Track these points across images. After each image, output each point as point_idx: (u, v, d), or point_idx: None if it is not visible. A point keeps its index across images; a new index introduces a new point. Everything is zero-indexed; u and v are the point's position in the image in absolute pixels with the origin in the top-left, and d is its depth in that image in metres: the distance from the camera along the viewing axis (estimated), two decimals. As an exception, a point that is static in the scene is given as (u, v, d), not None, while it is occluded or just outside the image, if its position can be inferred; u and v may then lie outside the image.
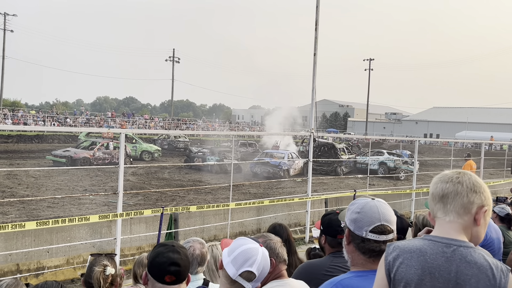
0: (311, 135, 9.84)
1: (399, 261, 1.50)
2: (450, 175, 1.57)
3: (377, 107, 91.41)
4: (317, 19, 9.78)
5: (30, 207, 11.96)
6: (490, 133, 55.02)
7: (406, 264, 1.48)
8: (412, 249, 1.50)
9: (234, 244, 1.91)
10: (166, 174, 21.38)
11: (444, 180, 1.56)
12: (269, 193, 16.83)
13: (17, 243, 6.58)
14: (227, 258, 1.87)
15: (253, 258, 1.85)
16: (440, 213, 1.56)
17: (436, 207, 1.57)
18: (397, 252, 1.52)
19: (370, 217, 1.75)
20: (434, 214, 1.59)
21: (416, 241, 1.56)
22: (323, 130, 69.27)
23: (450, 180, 1.55)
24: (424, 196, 12.51)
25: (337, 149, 25.97)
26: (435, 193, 1.57)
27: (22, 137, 34.37)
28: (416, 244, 1.52)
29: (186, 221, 8.42)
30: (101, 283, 2.44)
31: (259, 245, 1.92)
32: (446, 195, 1.54)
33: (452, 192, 1.53)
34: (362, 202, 1.81)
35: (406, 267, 1.48)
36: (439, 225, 1.56)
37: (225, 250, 1.93)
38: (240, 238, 1.95)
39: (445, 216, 1.54)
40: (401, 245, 1.54)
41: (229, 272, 1.84)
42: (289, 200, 9.87)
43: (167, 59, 64.83)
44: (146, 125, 52.72)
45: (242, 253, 1.85)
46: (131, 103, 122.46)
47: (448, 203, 1.53)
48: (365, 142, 46.35)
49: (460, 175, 1.56)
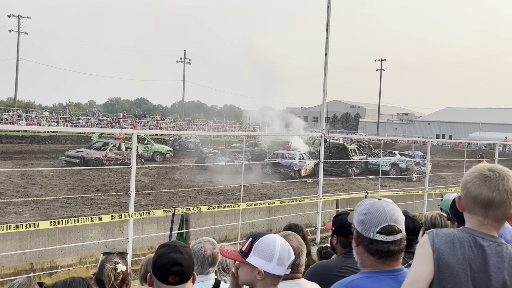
0: (322, 135, 9.81)
1: (442, 248, 1.57)
2: (493, 179, 1.58)
3: (389, 107, 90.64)
4: (328, 19, 9.75)
5: (43, 207, 12.12)
6: (504, 134, 54.19)
7: (449, 252, 1.56)
8: (454, 239, 1.58)
9: (265, 249, 1.82)
10: (177, 175, 21.48)
11: (490, 187, 1.56)
12: (280, 193, 16.81)
13: (31, 243, 6.67)
14: (270, 264, 1.81)
15: (289, 247, 1.88)
16: (479, 216, 1.60)
17: (476, 210, 1.61)
18: (440, 239, 1.59)
19: (377, 217, 1.73)
20: (469, 211, 1.63)
21: (456, 231, 1.62)
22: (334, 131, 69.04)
23: (497, 189, 1.55)
24: (437, 197, 12.38)
25: (348, 150, 25.84)
26: (479, 199, 1.58)
27: (36, 137, 34.84)
28: (457, 235, 1.59)
29: (197, 221, 8.46)
30: (112, 280, 2.46)
31: (274, 233, 1.92)
32: (491, 203, 1.56)
33: (498, 202, 1.55)
34: (369, 203, 1.79)
35: (449, 255, 1.56)
36: (474, 222, 1.62)
37: (257, 259, 1.82)
38: (260, 241, 1.85)
39: (484, 219, 1.60)
40: (443, 233, 1.61)
41: (280, 273, 1.83)
42: (300, 201, 9.86)
43: (178, 60, 65.20)
44: (157, 126, 53.05)
45: (282, 250, 1.84)
46: (143, 104, 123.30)
47: (491, 210, 1.57)
48: (376, 143, 46.02)
49: (505, 181, 1.57)
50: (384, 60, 67.86)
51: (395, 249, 1.73)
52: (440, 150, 46.92)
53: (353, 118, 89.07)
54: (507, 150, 46.20)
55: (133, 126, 47.58)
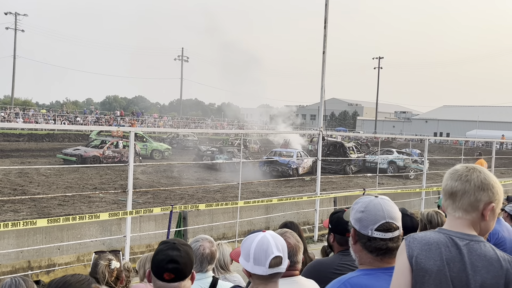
0: (320, 133, 9.82)
1: (418, 253, 1.57)
2: (460, 172, 1.63)
3: (387, 105, 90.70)
4: (326, 17, 9.75)
5: (41, 205, 12.10)
6: (501, 132, 54.37)
7: (425, 256, 1.56)
8: (429, 242, 1.59)
9: (244, 248, 1.89)
10: (175, 173, 21.47)
11: (454, 177, 1.63)
12: (278, 191, 16.83)
13: (29, 240, 6.65)
14: (248, 264, 1.85)
15: (268, 245, 1.83)
16: (450, 209, 1.64)
17: (446, 203, 1.65)
18: (416, 244, 1.59)
19: (374, 215, 1.73)
20: (445, 209, 1.67)
21: (431, 233, 1.63)
22: (332, 129, 69.05)
23: (459, 178, 1.61)
24: (434, 195, 12.41)
25: (346, 148, 25.88)
26: (445, 190, 1.65)
27: (33, 135, 34.75)
28: (432, 237, 1.61)
29: (195, 219, 8.45)
30: (106, 276, 2.47)
31: (262, 231, 1.91)
32: (455, 193, 1.61)
33: (460, 190, 1.60)
34: (365, 200, 1.79)
35: (426, 258, 1.56)
36: (450, 219, 1.65)
37: (240, 259, 1.90)
38: (244, 241, 1.92)
39: (454, 212, 1.63)
40: (419, 237, 1.61)
41: (260, 272, 1.82)
42: (297, 198, 9.86)
43: (176, 58, 65.11)
44: (155, 123, 52.97)
45: (257, 250, 1.83)
46: (140, 102, 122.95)
47: (457, 200, 1.61)
48: (374, 141, 46.10)
49: (470, 173, 1.61)
50: (382, 58, 67.89)
51: (393, 246, 1.73)
52: (437, 148, 47.01)
53: (351, 116, 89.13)
54: (504, 148, 46.33)
55: (131, 124, 47.52)
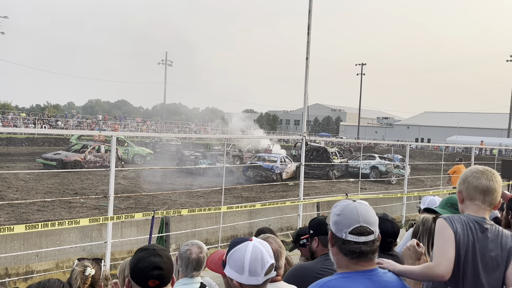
0: (303, 139, 9.86)
1: (460, 231, 2.02)
2: (489, 174, 2.14)
3: (369, 111, 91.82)
4: (309, 23, 9.81)
5: (19, 211, 11.84)
6: (480, 138, 55.50)
7: (463, 234, 2.02)
8: (465, 223, 2.06)
9: (235, 261, 1.79)
10: (158, 178, 21.28)
11: (488, 178, 2.12)
12: (261, 196, 16.82)
13: (6, 247, 6.50)
14: (243, 276, 1.76)
15: (262, 255, 1.78)
16: (478, 201, 2.12)
17: (476, 196, 2.12)
18: (457, 223, 2.05)
19: (349, 218, 1.75)
20: (470, 199, 2.14)
21: (464, 217, 2.09)
22: (316, 134, 69.44)
23: (491, 179, 2.12)
24: (415, 200, 12.56)
25: (329, 153, 26.05)
26: (479, 187, 2.12)
27: (12, 140, 34.04)
28: (465, 220, 2.07)
29: (177, 224, 8.38)
30: (78, 282, 2.43)
31: (249, 240, 1.84)
32: (488, 190, 2.11)
33: (493, 189, 2.11)
34: (343, 204, 1.81)
35: (464, 236, 2.02)
36: (474, 208, 2.13)
37: (230, 271, 1.79)
38: (232, 253, 1.81)
39: (481, 204, 2.12)
40: (458, 218, 2.07)
41: (255, 282, 1.76)
42: (281, 203, 9.87)
43: (159, 62, 64.77)
44: (138, 128, 52.48)
45: (252, 261, 1.76)
46: (123, 106, 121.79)
47: (488, 196, 2.11)
48: (357, 146, 46.51)
49: (496, 175, 2.15)
50: (365, 64, 68.87)
51: (367, 249, 1.75)
52: (419, 153, 47.73)
53: (334, 121, 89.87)
54: (483, 154, 47.26)
55: (115, 129, 46.96)
